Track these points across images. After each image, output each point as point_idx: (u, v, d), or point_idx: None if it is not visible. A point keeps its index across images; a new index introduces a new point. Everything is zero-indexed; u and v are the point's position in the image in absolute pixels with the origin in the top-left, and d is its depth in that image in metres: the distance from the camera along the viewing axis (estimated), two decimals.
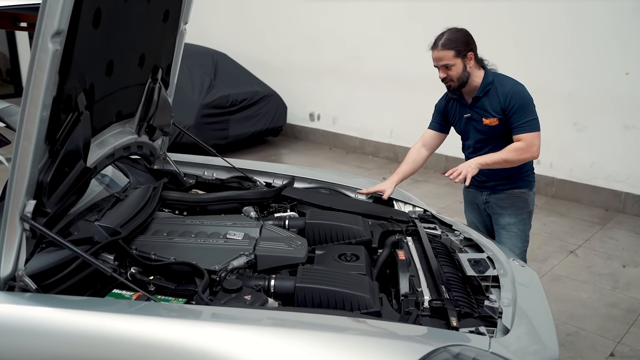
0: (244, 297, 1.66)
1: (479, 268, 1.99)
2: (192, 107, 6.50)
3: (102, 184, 2.37)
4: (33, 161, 1.46)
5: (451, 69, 2.57)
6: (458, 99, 2.74)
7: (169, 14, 2.25)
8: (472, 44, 2.61)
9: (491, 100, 2.62)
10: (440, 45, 2.57)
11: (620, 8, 4.90)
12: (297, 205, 2.51)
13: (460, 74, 2.58)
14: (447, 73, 2.59)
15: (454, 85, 2.62)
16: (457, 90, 2.66)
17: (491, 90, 2.62)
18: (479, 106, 2.67)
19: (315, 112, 7.75)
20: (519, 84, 2.63)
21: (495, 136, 2.66)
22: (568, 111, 5.32)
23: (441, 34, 2.61)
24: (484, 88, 2.63)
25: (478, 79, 2.64)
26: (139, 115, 2.34)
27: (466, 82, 2.61)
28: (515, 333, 1.64)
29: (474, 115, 2.69)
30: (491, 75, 2.65)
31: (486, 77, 2.63)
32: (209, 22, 8.22)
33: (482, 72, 2.65)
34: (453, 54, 2.55)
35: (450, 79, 2.60)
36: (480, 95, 2.64)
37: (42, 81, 1.40)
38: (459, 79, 2.59)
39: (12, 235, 1.48)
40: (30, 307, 1.49)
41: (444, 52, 2.56)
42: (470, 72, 2.60)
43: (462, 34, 2.59)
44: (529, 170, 2.79)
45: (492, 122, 2.63)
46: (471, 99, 2.68)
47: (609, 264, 4.16)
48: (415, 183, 6.00)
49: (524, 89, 2.60)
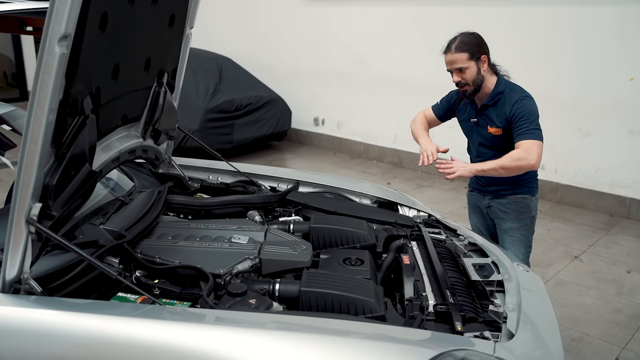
0: (249, 300, 1.66)
1: (484, 273, 1.98)
2: (196, 112, 6.52)
3: (107, 188, 2.37)
4: (39, 164, 1.46)
5: (465, 72, 2.56)
6: (469, 102, 2.74)
7: (174, 19, 2.25)
8: (485, 47, 2.60)
9: (498, 110, 2.61)
10: (453, 48, 2.56)
11: (625, 14, 4.90)
12: (301, 209, 2.51)
13: (474, 77, 2.57)
14: (461, 76, 2.58)
15: (470, 89, 2.61)
16: (472, 95, 2.65)
17: (500, 100, 2.61)
18: (486, 114, 2.66)
19: (320, 117, 7.76)
20: (529, 97, 2.60)
21: (498, 145, 2.65)
22: (572, 117, 5.31)
23: (454, 37, 2.60)
24: (493, 97, 2.62)
25: (490, 85, 2.63)
26: (145, 119, 2.34)
27: (480, 86, 2.60)
28: (520, 338, 1.63)
29: (480, 122, 2.69)
30: (503, 84, 2.64)
31: (498, 86, 2.62)
32: (215, 26, 8.25)
33: (494, 79, 2.64)
34: (467, 57, 2.54)
35: (465, 82, 2.59)
36: (489, 103, 2.64)
37: (49, 84, 1.40)
38: (474, 82, 2.58)
39: (18, 238, 1.49)
40: (36, 310, 1.49)
41: (457, 54, 2.55)
42: (484, 76, 2.60)
43: (475, 37, 2.59)
44: (532, 176, 2.77)
45: (497, 132, 2.63)
46: (480, 105, 2.68)
47: (613, 269, 4.14)
48: (419, 188, 6.00)
49: (532, 102, 2.58)
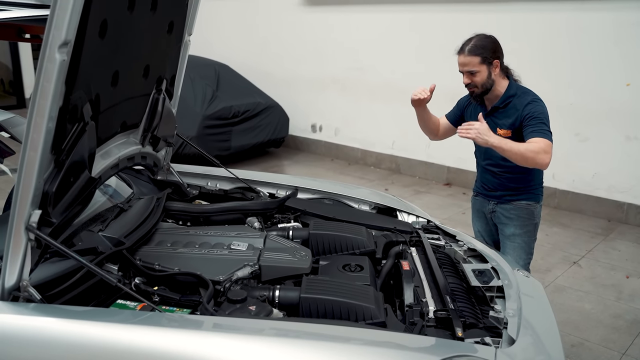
0: (249, 307, 1.65)
1: (484, 278, 1.98)
2: (194, 118, 6.52)
3: (105, 195, 2.37)
4: (39, 171, 1.46)
5: (476, 75, 2.57)
6: (478, 104, 2.74)
7: (173, 26, 2.26)
8: (499, 51, 2.60)
9: (509, 113, 2.62)
10: (467, 50, 2.56)
11: (621, 19, 4.93)
12: (300, 215, 2.51)
13: (484, 81, 2.58)
14: (471, 79, 2.58)
15: (477, 91, 2.62)
16: (479, 97, 2.65)
17: (511, 103, 2.62)
18: (496, 116, 2.66)
19: (317, 124, 7.77)
20: (540, 100, 2.60)
21: None
22: (569, 122, 5.33)
23: (469, 39, 2.60)
24: (504, 100, 2.63)
25: (501, 88, 2.63)
26: (143, 126, 2.34)
27: (489, 90, 2.61)
28: (520, 343, 1.62)
29: (489, 124, 2.68)
30: (514, 88, 2.64)
31: (509, 89, 2.63)
32: (212, 34, 8.26)
33: (506, 82, 2.64)
34: (479, 61, 2.55)
35: (474, 85, 2.60)
36: (500, 106, 2.64)
37: (49, 91, 1.40)
38: (483, 86, 2.59)
39: (17, 245, 1.48)
40: (35, 318, 1.49)
41: (470, 57, 2.55)
42: (494, 80, 2.60)
43: (490, 41, 2.59)
44: (537, 183, 2.78)
45: (506, 134, 2.62)
46: (490, 107, 2.68)
47: (612, 274, 4.15)
48: (417, 194, 6.00)
49: (543, 106, 2.59)
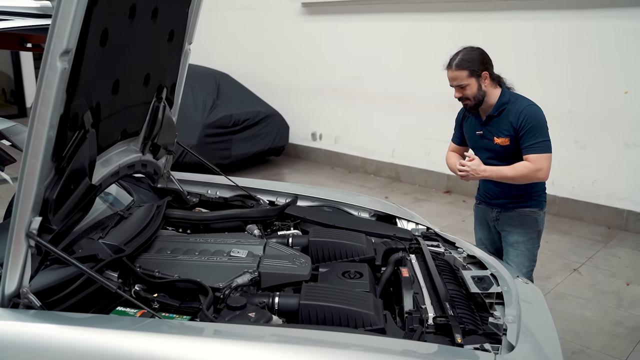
0: (248, 314, 1.65)
1: (483, 285, 1.98)
2: (194, 127, 6.53)
3: (106, 202, 2.37)
4: (40, 178, 1.47)
5: (466, 89, 2.58)
6: (473, 115, 2.75)
7: (174, 34, 2.27)
8: (487, 63, 2.61)
9: (504, 120, 2.63)
10: (454, 65, 2.58)
11: (620, 27, 4.96)
12: (300, 223, 2.51)
13: (475, 93, 2.59)
14: (462, 93, 2.60)
15: (470, 104, 2.63)
16: (474, 109, 2.67)
17: (505, 110, 2.63)
18: (492, 125, 2.68)
19: (317, 132, 7.78)
20: (534, 105, 2.62)
21: (505, 155, 2.66)
22: (569, 129, 5.34)
23: (456, 53, 2.62)
24: (498, 107, 2.64)
25: (494, 97, 2.64)
26: (144, 134, 2.35)
27: (482, 101, 2.62)
28: (520, 350, 1.62)
29: (486, 134, 2.70)
30: (507, 95, 2.65)
31: (502, 97, 2.64)
32: (212, 43, 8.30)
33: (498, 91, 2.65)
34: (467, 74, 2.56)
35: (466, 97, 2.61)
36: (494, 114, 2.65)
37: (50, 99, 1.41)
38: (475, 98, 2.60)
39: (18, 251, 1.49)
40: (35, 324, 1.49)
41: (457, 72, 2.57)
42: (485, 91, 2.61)
43: (476, 53, 2.60)
44: (540, 190, 2.79)
45: (504, 142, 2.63)
46: (485, 116, 2.69)
47: (612, 281, 4.14)
48: (417, 202, 6.00)
49: (539, 110, 2.60)
